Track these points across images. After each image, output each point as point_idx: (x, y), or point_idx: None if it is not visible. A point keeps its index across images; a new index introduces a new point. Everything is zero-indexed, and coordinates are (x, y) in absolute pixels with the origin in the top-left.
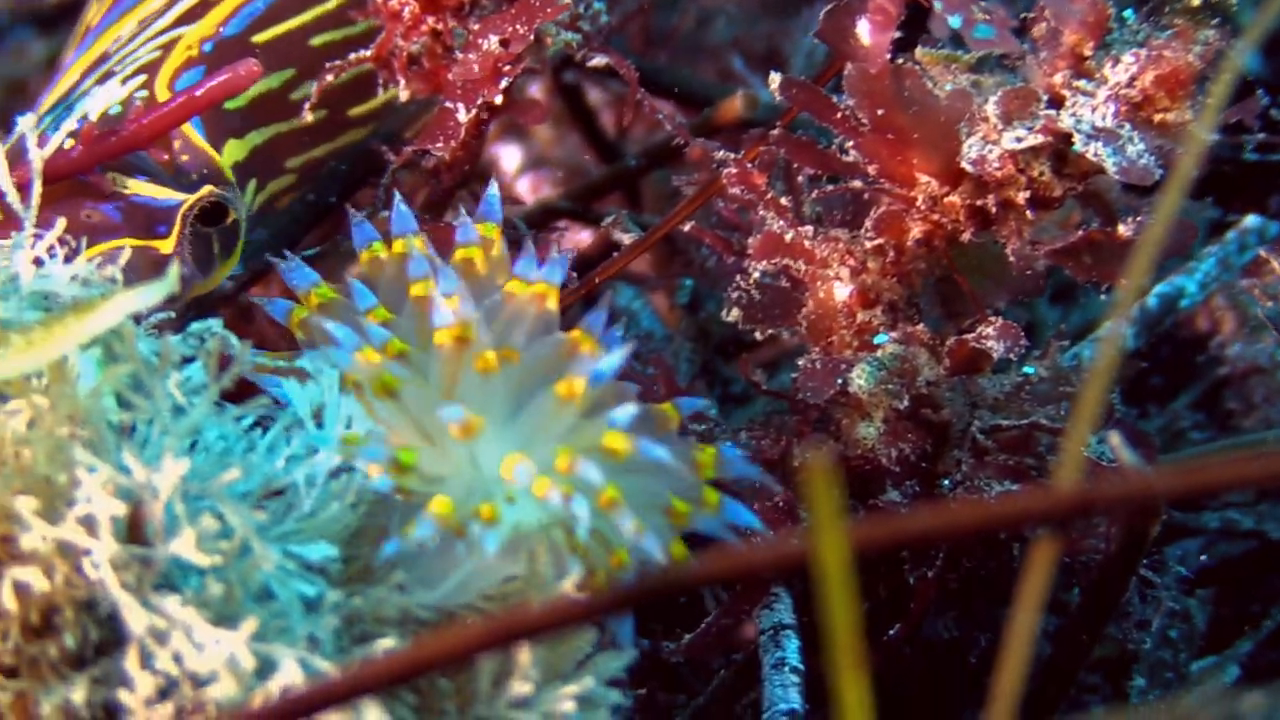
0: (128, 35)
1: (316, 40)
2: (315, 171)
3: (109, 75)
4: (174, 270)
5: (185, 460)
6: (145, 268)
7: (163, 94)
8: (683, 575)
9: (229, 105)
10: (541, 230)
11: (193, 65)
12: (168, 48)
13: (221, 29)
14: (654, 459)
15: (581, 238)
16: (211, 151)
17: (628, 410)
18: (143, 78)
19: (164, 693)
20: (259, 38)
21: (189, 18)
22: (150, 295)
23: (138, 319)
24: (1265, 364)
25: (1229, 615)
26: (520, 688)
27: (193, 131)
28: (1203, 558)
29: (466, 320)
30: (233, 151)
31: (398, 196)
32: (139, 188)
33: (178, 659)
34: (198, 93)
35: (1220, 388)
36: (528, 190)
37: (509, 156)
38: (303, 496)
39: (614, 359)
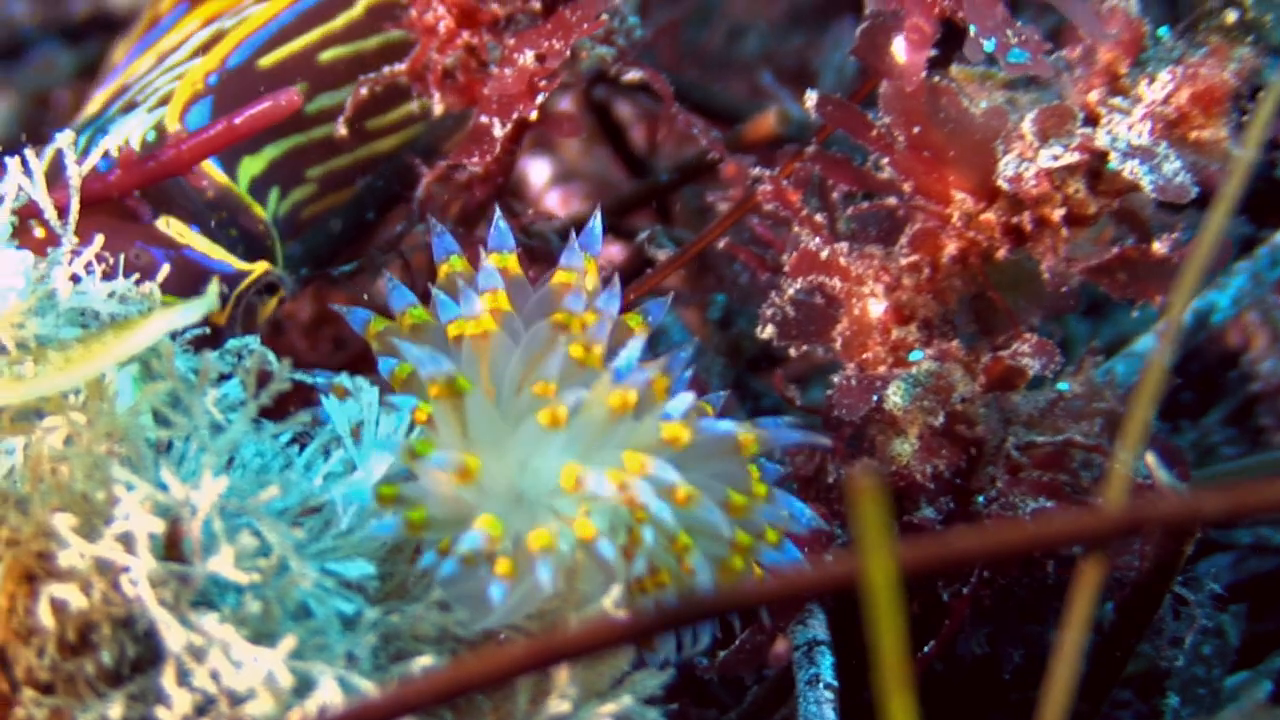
0: (147, 68)
1: (325, 55)
2: (338, 182)
3: (133, 106)
4: (213, 288)
5: (224, 478)
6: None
7: (172, 128)
8: (731, 596)
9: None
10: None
11: (199, 99)
12: (180, 80)
13: (226, 61)
14: (719, 434)
15: (613, 252)
16: (229, 183)
17: (683, 401)
18: (163, 110)
19: (201, 710)
20: (264, 62)
21: (203, 51)
22: (189, 314)
23: (174, 335)
24: None
25: (1262, 631)
26: (558, 706)
27: (209, 165)
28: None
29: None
30: (249, 167)
31: (435, 223)
32: (193, 240)
33: (215, 676)
34: (237, 120)
35: (1252, 404)
36: (558, 204)
37: (538, 170)
38: (340, 514)
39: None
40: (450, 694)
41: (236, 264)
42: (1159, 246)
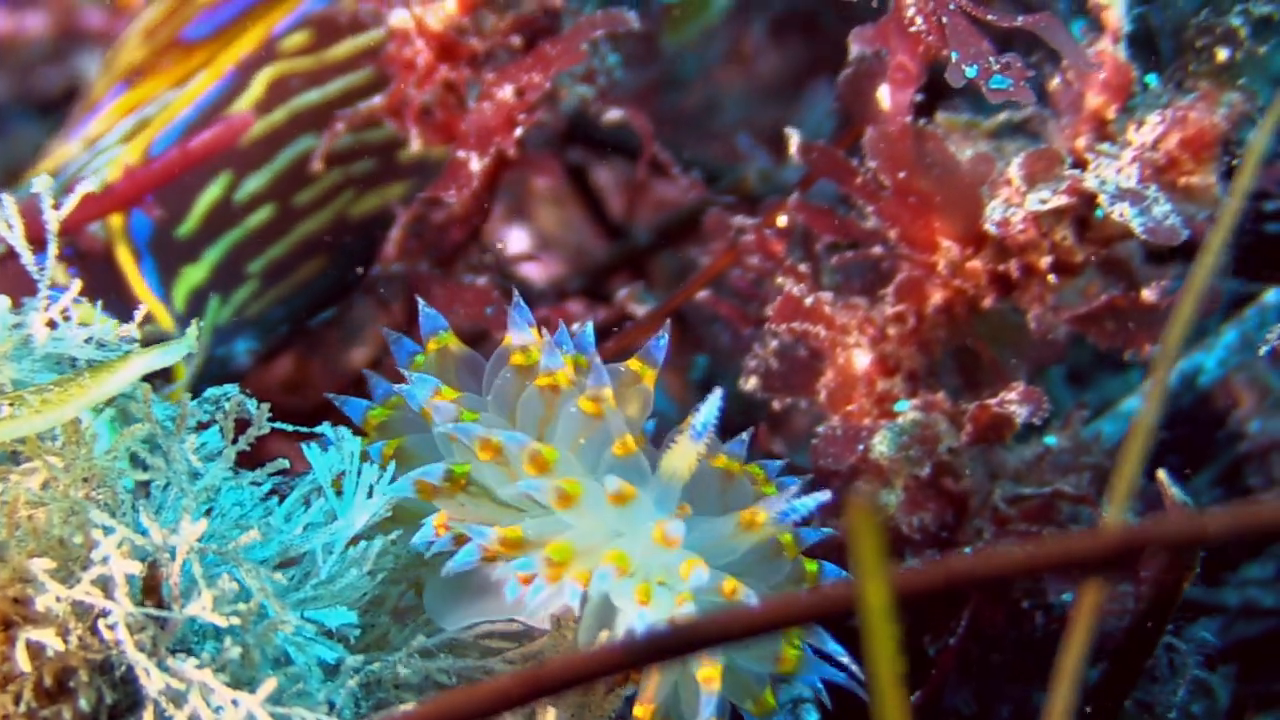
0: (78, 152)
1: (242, 138)
2: (279, 271)
3: (76, 182)
4: (191, 331)
5: (203, 521)
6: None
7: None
8: (729, 624)
9: (181, 232)
10: (553, 310)
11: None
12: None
13: (151, 148)
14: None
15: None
16: (158, 307)
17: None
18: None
19: None
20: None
21: (130, 139)
22: (166, 357)
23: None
24: None
25: (1250, 694)
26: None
27: (144, 291)
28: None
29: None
30: (190, 277)
31: (422, 303)
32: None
33: None
34: (191, 145)
35: (1241, 464)
36: (536, 274)
37: (516, 239)
38: (320, 563)
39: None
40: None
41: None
42: (1148, 294)
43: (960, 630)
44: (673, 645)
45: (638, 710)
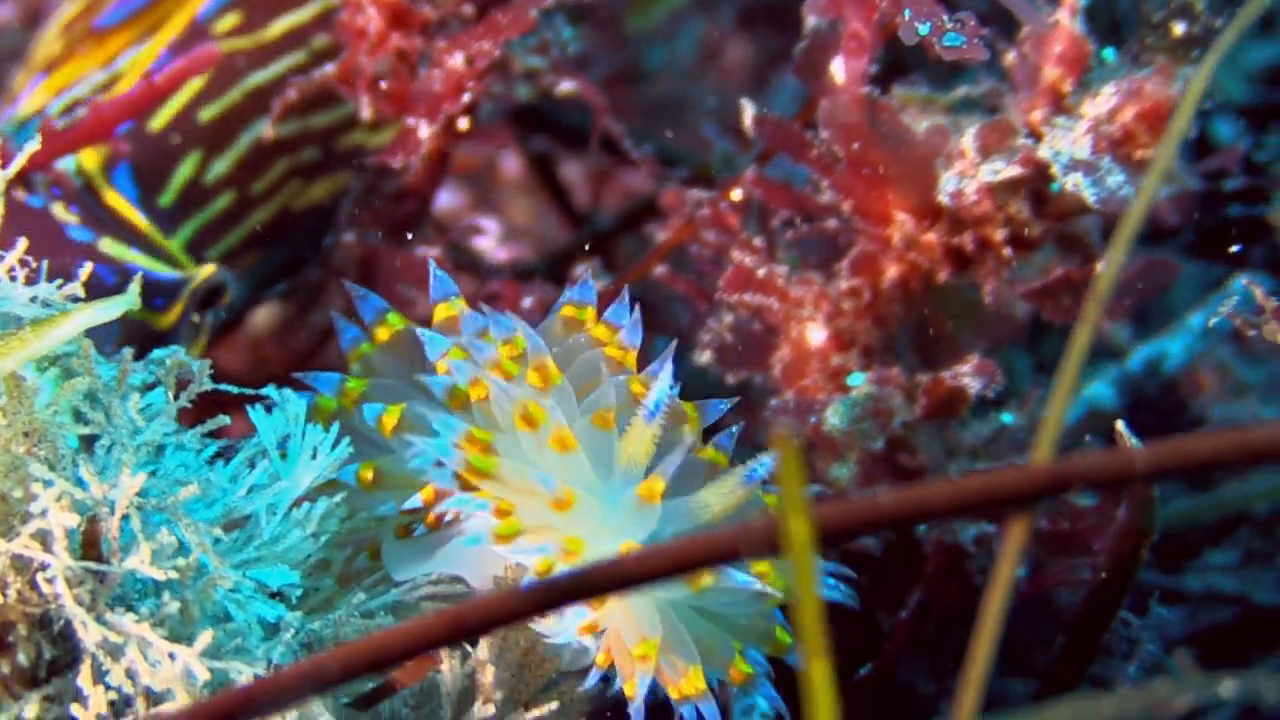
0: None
1: (205, 114)
2: (230, 259)
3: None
4: (133, 288)
5: (142, 475)
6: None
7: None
8: (650, 562)
9: (162, 202)
10: (504, 283)
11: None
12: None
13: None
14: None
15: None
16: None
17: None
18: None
19: (118, 710)
20: (155, 124)
21: (64, 113)
22: (109, 311)
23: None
24: (1250, 423)
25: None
26: (483, 711)
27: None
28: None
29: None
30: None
31: (433, 264)
32: (134, 258)
33: (132, 675)
34: (156, 79)
35: None
36: (490, 247)
37: (488, 238)
38: (264, 525)
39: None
40: (364, 667)
41: (181, 273)
42: (1102, 268)
43: (913, 604)
44: (596, 584)
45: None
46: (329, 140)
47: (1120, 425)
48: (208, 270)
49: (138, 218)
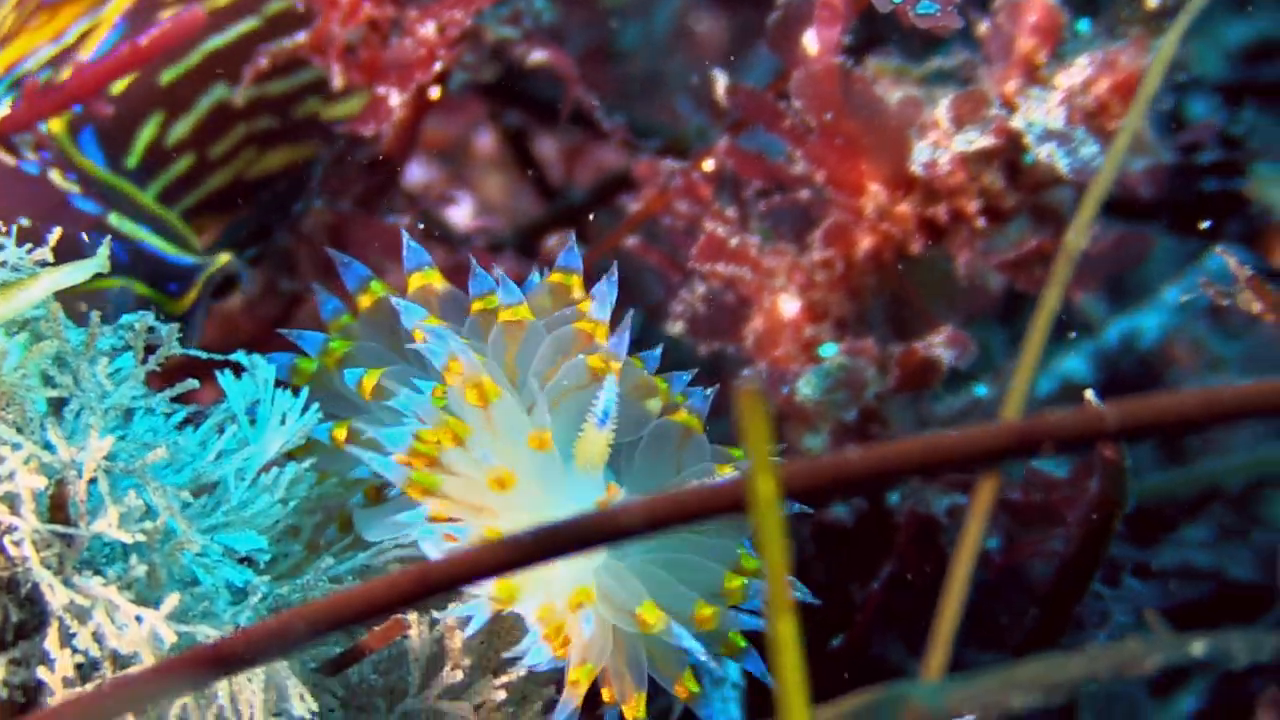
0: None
1: (165, 77)
2: (189, 218)
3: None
4: (102, 251)
5: (110, 437)
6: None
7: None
8: (613, 521)
9: (128, 164)
10: (473, 250)
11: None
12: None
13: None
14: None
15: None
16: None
17: None
18: None
19: (85, 673)
20: (116, 89)
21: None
22: (77, 274)
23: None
24: None
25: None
26: (451, 677)
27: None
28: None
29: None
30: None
31: (405, 235)
32: (146, 236)
33: (99, 638)
34: (141, 40)
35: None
36: (460, 218)
37: (460, 208)
38: (232, 490)
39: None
40: (332, 625)
41: (193, 256)
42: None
43: (884, 575)
44: (560, 543)
45: (575, 673)
46: (285, 108)
47: (1089, 394)
48: (224, 258)
49: (112, 177)
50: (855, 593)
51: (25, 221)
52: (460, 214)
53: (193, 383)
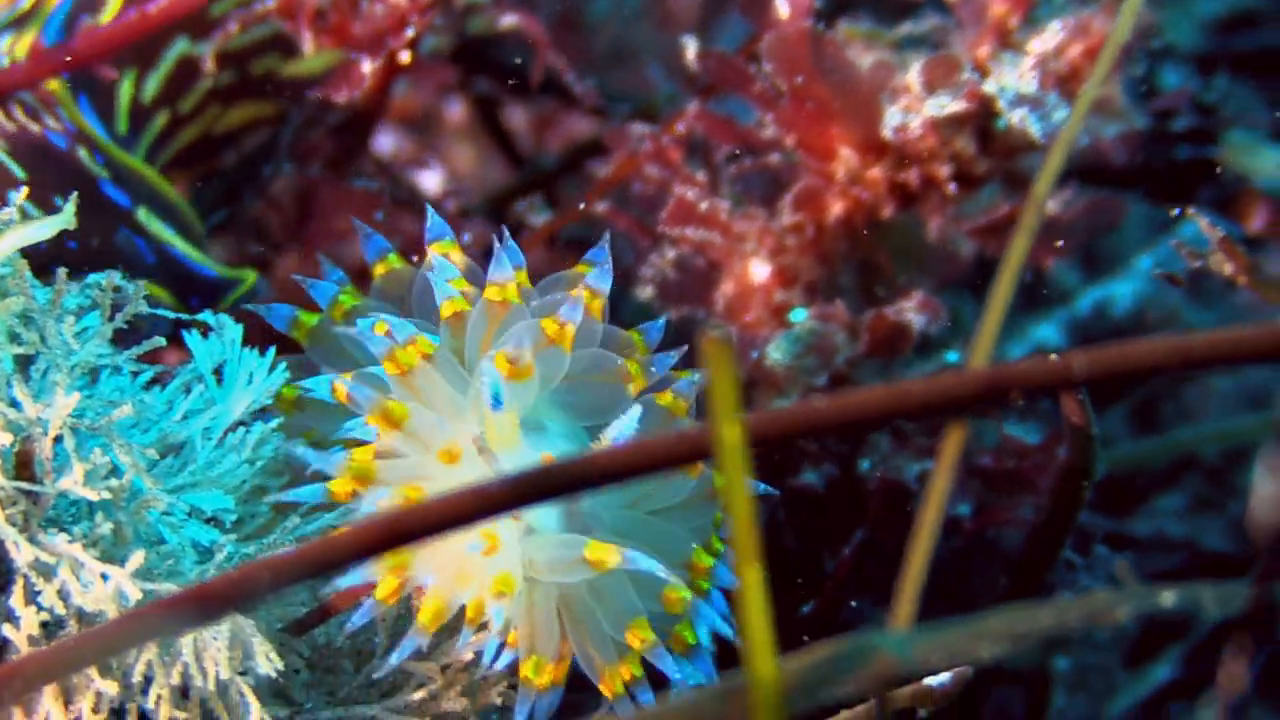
0: None
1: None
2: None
3: None
4: (68, 208)
5: (76, 394)
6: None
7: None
8: (585, 467)
9: (118, 130)
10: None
11: None
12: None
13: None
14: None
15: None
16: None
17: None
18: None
19: (50, 631)
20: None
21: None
22: (43, 230)
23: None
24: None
25: (1160, 627)
26: (419, 639)
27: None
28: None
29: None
30: None
31: (430, 209)
32: (173, 240)
33: (65, 596)
34: (150, 9)
35: (1154, 398)
36: (429, 183)
37: (429, 179)
38: (199, 450)
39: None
40: (297, 576)
41: (220, 270)
42: (1049, 206)
43: (855, 542)
44: (529, 489)
45: (525, 668)
46: (244, 62)
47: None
48: (251, 278)
49: (125, 154)
50: (826, 559)
51: (60, 203)
52: (430, 180)
53: (159, 340)
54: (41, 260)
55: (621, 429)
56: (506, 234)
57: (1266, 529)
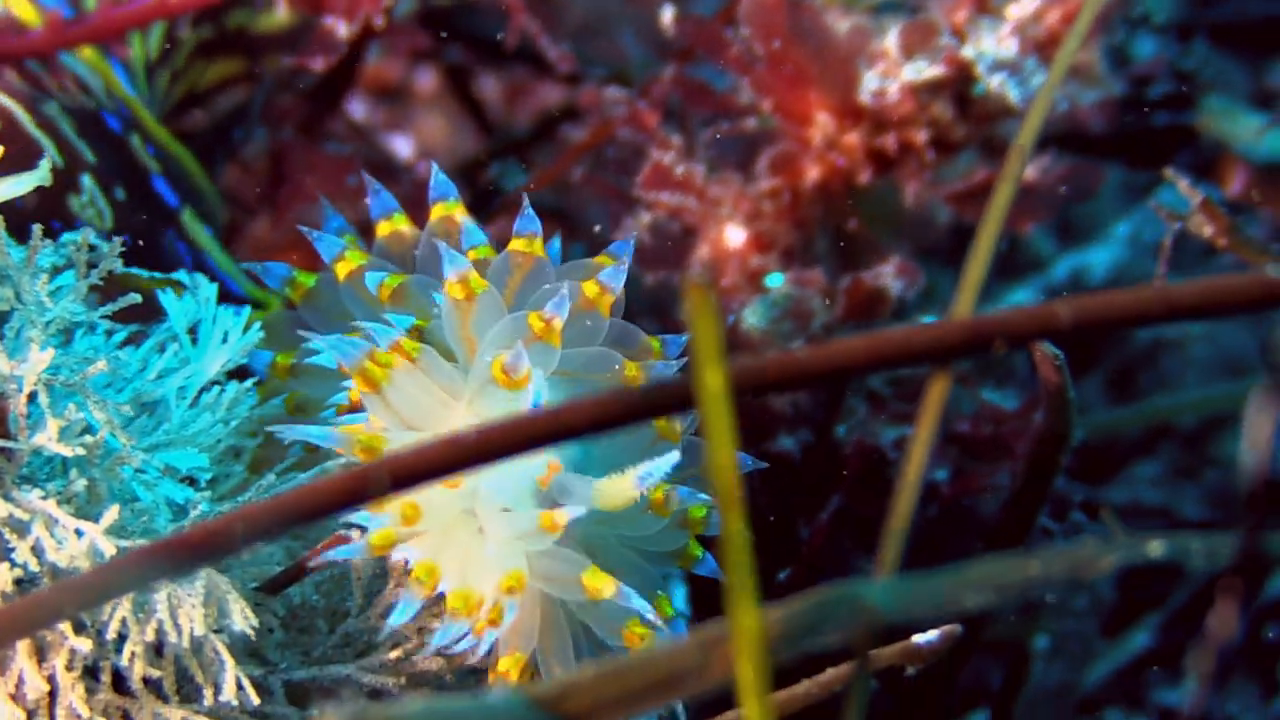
0: None
1: None
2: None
3: None
4: (44, 163)
5: (50, 350)
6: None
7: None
8: (566, 416)
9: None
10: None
11: None
12: None
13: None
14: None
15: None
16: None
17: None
18: None
19: (25, 591)
20: None
21: None
22: (18, 186)
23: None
24: (1176, 337)
25: (1138, 597)
26: (394, 596)
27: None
28: None
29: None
30: None
31: (435, 167)
32: (212, 249)
33: (38, 552)
34: None
35: (1131, 366)
36: (401, 148)
37: (401, 147)
38: (173, 409)
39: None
40: (272, 527)
41: (248, 289)
42: (1027, 172)
43: (832, 508)
44: (507, 440)
45: (504, 664)
46: (219, 17)
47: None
48: (275, 304)
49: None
50: (801, 526)
51: (121, 195)
52: (404, 145)
53: (135, 296)
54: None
55: (653, 468)
56: (526, 201)
57: (1257, 472)
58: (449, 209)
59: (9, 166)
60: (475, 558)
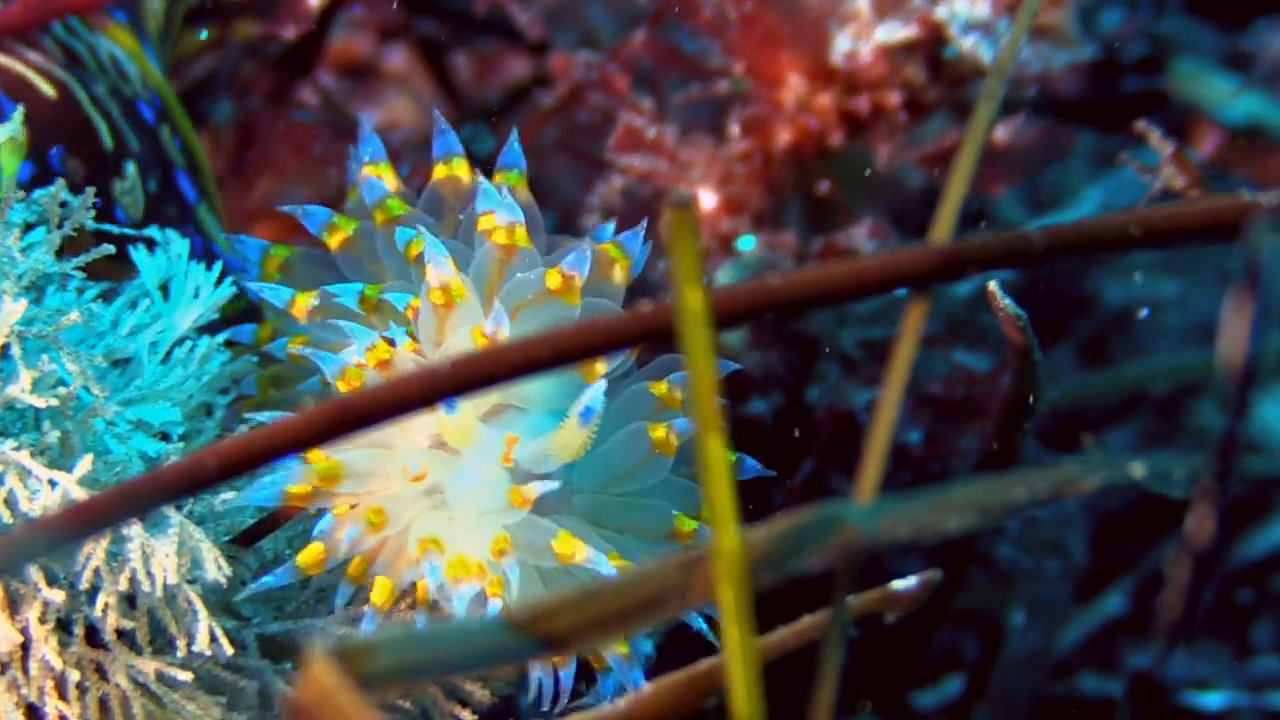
0: None
1: None
2: None
3: None
4: (17, 116)
5: (23, 301)
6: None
7: None
8: (541, 344)
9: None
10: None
11: None
12: None
13: None
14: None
15: None
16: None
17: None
18: None
19: None
20: None
21: None
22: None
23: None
24: (1147, 298)
25: (1113, 562)
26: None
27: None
28: None
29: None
30: None
31: (440, 118)
32: (221, 241)
33: (11, 503)
34: None
35: (1103, 334)
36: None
37: (373, 107)
38: (145, 364)
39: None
40: (244, 464)
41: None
42: (999, 134)
43: (804, 472)
44: (479, 371)
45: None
46: None
47: (993, 285)
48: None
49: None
50: (774, 492)
51: (153, 186)
52: (374, 113)
53: (108, 248)
54: (115, 242)
55: (587, 401)
56: (514, 134)
57: (1233, 371)
58: (453, 169)
59: (65, 139)
60: (452, 533)
